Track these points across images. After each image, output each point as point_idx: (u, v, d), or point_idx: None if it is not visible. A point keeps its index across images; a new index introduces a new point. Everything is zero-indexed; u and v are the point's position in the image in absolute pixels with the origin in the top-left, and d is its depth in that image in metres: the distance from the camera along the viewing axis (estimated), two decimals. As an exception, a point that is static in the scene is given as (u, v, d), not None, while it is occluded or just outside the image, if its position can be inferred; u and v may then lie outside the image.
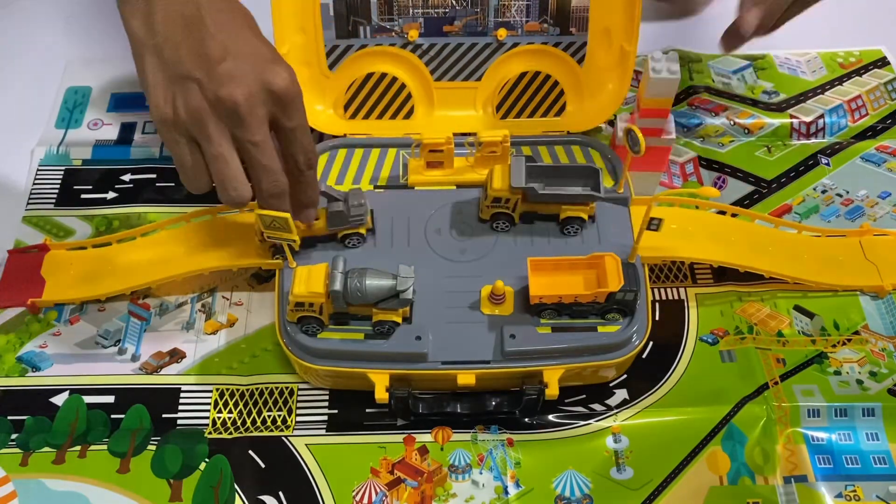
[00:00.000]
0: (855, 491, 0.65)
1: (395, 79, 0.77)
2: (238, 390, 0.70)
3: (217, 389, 0.70)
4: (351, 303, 0.63)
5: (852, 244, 0.76)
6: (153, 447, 0.67)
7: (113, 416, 0.68)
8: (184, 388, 0.70)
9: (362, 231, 0.69)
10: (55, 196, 0.81)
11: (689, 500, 0.65)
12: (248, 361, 0.71)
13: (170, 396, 0.69)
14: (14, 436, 0.67)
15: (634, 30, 0.72)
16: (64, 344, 0.72)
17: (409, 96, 0.78)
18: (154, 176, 0.83)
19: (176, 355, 0.72)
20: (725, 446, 0.67)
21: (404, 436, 0.67)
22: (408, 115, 0.79)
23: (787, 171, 0.83)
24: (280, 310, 0.67)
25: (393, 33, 0.76)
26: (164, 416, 0.68)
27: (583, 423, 0.68)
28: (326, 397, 0.69)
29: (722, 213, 0.75)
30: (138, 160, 0.84)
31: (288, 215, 0.60)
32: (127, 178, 0.83)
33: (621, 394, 0.69)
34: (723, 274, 0.75)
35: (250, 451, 0.67)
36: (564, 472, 0.66)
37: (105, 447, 0.67)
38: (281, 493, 0.65)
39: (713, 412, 0.68)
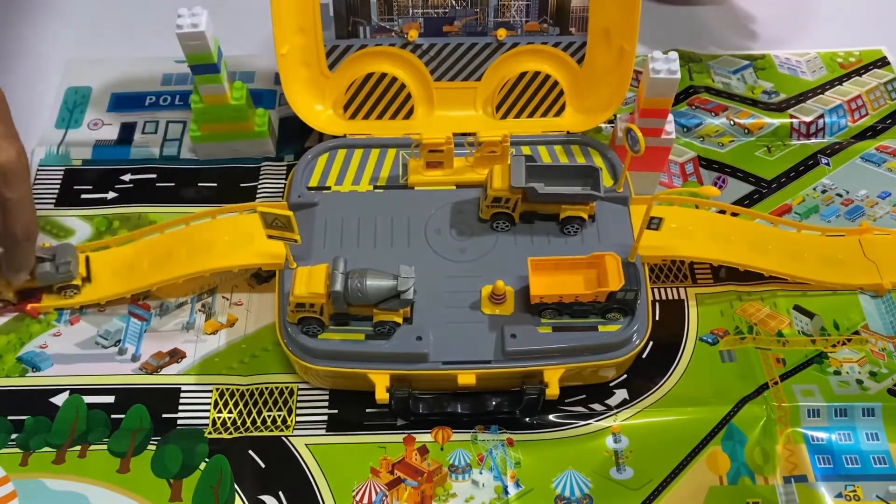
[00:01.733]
0: (855, 491, 0.65)
1: (394, 79, 0.77)
2: (238, 390, 0.70)
3: (217, 389, 0.70)
4: (352, 303, 0.63)
5: (852, 243, 0.76)
6: (153, 447, 0.67)
7: (113, 416, 0.68)
8: (184, 388, 0.70)
9: (76, 282, 0.72)
10: (55, 196, 0.81)
11: (689, 500, 0.65)
12: (248, 361, 0.71)
13: (170, 396, 0.69)
14: (14, 436, 0.67)
15: (634, 30, 0.72)
16: (64, 344, 0.72)
17: (408, 96, 0.78)
18: (154, 176, 0.83)
19: (176, 355, 0.72)
20: (725, 446, 0.67)
21: (404, 436, 0.67)
22: (408, 115, 0.79)
23: (787, 171, 0.83)
24: (280, 310, 0.67)
25: (393, 33, 0.76)
26: (164, 416, 0.68)
27: (583, 423, 0.68)
28: (326, 397, 0.69)
29: (722, 212, 0.75)
30: (138, 160, 0.84)
31: (290, 213, 0.60)
32: (127, 178, 0.83)
33: (621, 394, 0.69)
34: (722, 273, 0.75)
35: (250, 451, 0.67)
36: (564, 472, 0.66)
37: (105, 447, 0.67)
38: (281, 493, 0.65)
39: (713, 412, 0.68)
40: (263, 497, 0.65)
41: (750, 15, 0.98)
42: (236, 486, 0.65)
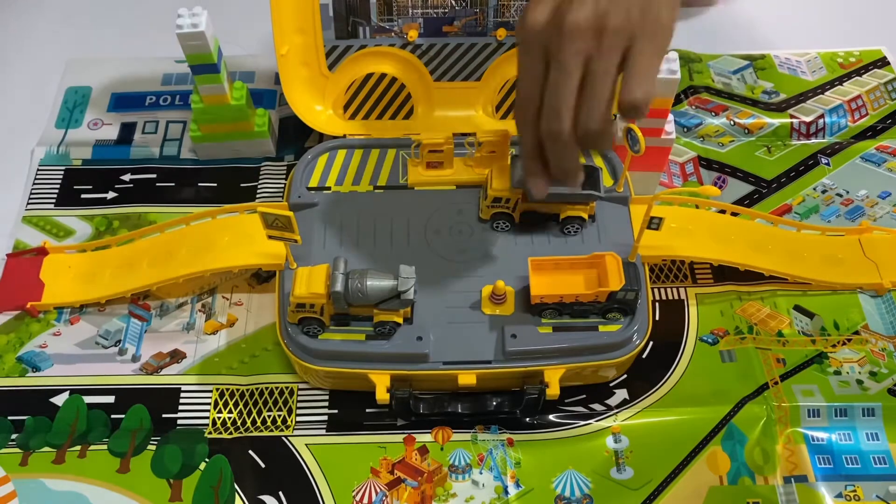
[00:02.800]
0: (855, 491, 0.65)
1: (394, 79, 0.77)
2: (238, 390, 0.70)
3: (217, 389, 0.70)
4: (352, 304, 0.63)
5: (851, 242, 0.76)
6: (153, 447, 0.67)
7: (113, 416, 0.68)
8: (184, 388, 0.70)
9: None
10: (55, 196, 0.81)
11: (689, 500, 0.65)
12: (248, 361, 0.71)
13: (170, 396, 0.69)
14: (14, 436, 0.67)
15: (634, 30, 0.72)
16: (64, 344, 0.72)
17: (408, 96, 0.78)
18: (154, 176, 0.83)
19: (176, 356, 0.72)
20: (725, 446, 0.67)
21: (404, 436, 0.67)
22: (407, 116, 0.79)
23: (787, 171, 0.83)
24: (281, 311, 0.66)
25: (392, 34, 0.76)
26: (164, 416, 0.68)
27: (583, 423, 0.68)
28: (326, 397, 0.69)
29: (722, 212, 0.75)
30: (138, 160, 0.84)
31: (291, 214, 0.60)
32: (127, 178, 0.83)
33: (621, 394, 0.69)
34: (722, 273, 0.75)
35: (250, 451, 0.67)
36: (564, 472, 0.66)
37: (105, 447, 0.67)
38: (281, 493, 0.65)
39: (713, 412, 0.68)
40: (263, 497, 0.65)
41: (750, 15, 0.98)
42: (236, 486, 0.65)
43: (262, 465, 0.66)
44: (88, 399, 0.69)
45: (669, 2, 0.56)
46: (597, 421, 0.68)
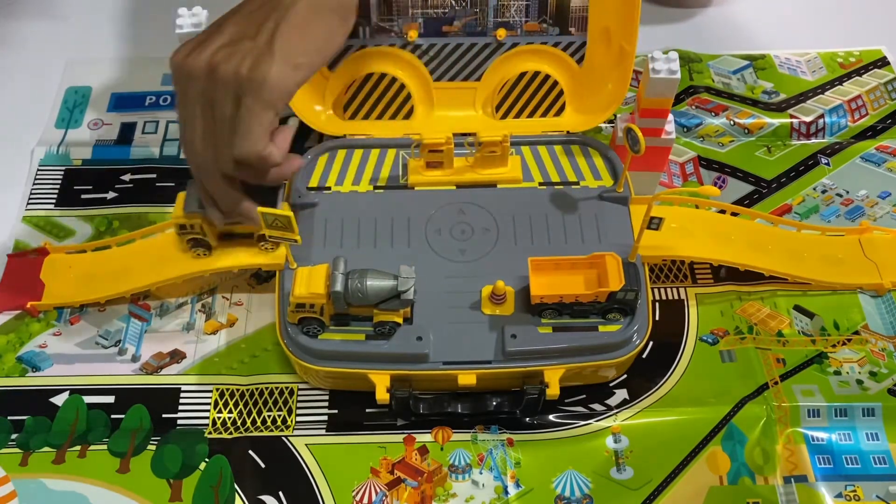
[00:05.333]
0: (855, 491, 0.65)
1: (394, 79, 0.77)
2: (238, 390, 0.70)
3: (217, 389, 0.70)
4: (352, 304, 0.63)
5: (852, 242, 0.76)
6: (153, 447, 0.67)
7: (113, 416, 0.68)
8: (184, 388, 0.70)
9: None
10: (55, 196, 0.81)
11: (689, 500, 0.65)
12: (248, 361, 0.71)
13: (170, 396, 0.69)
14: (14, 436, 0.67)
15: (634, 29, 0.72)
16: (64, 344, 0.72)
17: (408, 96, 0.78)
18: (154, 176, 0.83)
19: (176, 356, 0.72)
20: (725, 446, 0.67)
21: (404, 436, 0.68)
22: (407, 116, 0.79)
23: (787, 171, 0.83)
24: (280, 311, 0.66)
25: (392, 34, 0.76)
26: (164, 416, 0.68)
27: (583, 423, 0.68)
28: (326, 397, 0.69)
29: (722, 212, 0.75)
30: (138, 160, 0.84)
31: (291, 214, 0.60)
32: (127, 178, 0.83)
33: (621, 394, 0.69)
34: (722, 273, 0.75)
35: (250, 451, 0.67)
36: (564, 472, 0.66)
37: (105, 447, 0.67)
38: (281, 493, 0.65)
39: (713, 412, 0.68)
40: (263, 497, 0.65)
41: (750, 15, 0.98)
42: (236, 486, 0.65)
43: (262, 465, 0.66)
44: (88, 399, 0.69)
45: (285, 62, 0.59)
46: (597, 421, 0.68)
